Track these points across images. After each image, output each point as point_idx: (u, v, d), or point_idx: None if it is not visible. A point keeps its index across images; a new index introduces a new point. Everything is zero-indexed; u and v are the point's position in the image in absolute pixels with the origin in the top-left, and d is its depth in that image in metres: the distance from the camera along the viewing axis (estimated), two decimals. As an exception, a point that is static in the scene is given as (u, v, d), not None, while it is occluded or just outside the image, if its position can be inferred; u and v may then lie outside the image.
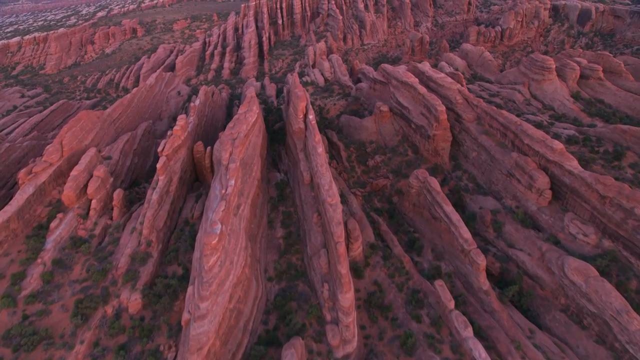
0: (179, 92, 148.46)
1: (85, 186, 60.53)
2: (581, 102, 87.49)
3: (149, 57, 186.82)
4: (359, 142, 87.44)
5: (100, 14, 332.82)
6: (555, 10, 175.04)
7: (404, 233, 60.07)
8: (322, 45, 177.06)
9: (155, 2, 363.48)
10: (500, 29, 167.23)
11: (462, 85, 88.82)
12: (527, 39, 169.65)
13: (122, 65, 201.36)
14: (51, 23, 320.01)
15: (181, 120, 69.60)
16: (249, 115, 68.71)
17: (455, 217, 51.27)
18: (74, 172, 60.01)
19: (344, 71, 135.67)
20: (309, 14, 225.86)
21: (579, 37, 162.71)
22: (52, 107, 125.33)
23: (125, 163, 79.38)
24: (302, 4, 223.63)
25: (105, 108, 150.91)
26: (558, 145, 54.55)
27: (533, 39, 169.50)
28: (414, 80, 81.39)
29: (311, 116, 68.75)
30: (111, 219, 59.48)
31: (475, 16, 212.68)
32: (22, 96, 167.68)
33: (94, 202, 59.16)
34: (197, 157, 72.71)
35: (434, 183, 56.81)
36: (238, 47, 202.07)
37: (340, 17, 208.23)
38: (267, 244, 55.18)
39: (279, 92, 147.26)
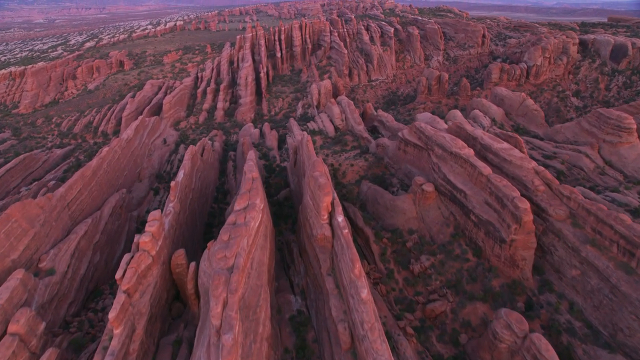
0: (164, 141, 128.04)
1: (-5, 348, 38.68)
2: (677, 174, 68.34)
3: (133, 96, 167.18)
4: (393, 229, 66.65)
5: (88, 44, 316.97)
6: (583, 45, 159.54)
7: (495, 420, 38.57)
8: (327, 83, 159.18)
9: (147, 31, 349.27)
10: (525, 66, 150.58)
11: (522, 152, 69.25)
12: (555, 77, 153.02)
13: (105, 103, 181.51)
14: (35, 54, 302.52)
15: (152, 224, 48.14)
16: (251, 216, 47.29)
17: None
18: (-24, 329, 38.24)
19: (357, 118, 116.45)
20: (309, 46, 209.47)
21: (614, 75, 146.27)
22: (8, 165, 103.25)
23: (77, 272, 57.62)
24: (302, 35, 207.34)
25: (78, 160, 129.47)
26: None
27: (562, 77, 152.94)
28: (468, 152, 61.42)
29: (340, 218, 47.87)
30: (31, 407, 37.40)
31: (490, 49, 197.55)
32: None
33: (4, 380, 37.20)
34: (176, 272, 51.24)
35: (548, 350, 35.72)
36: (233, 83, 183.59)
37: (345, 51, 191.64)
38: None
39: (280, 141, 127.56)
